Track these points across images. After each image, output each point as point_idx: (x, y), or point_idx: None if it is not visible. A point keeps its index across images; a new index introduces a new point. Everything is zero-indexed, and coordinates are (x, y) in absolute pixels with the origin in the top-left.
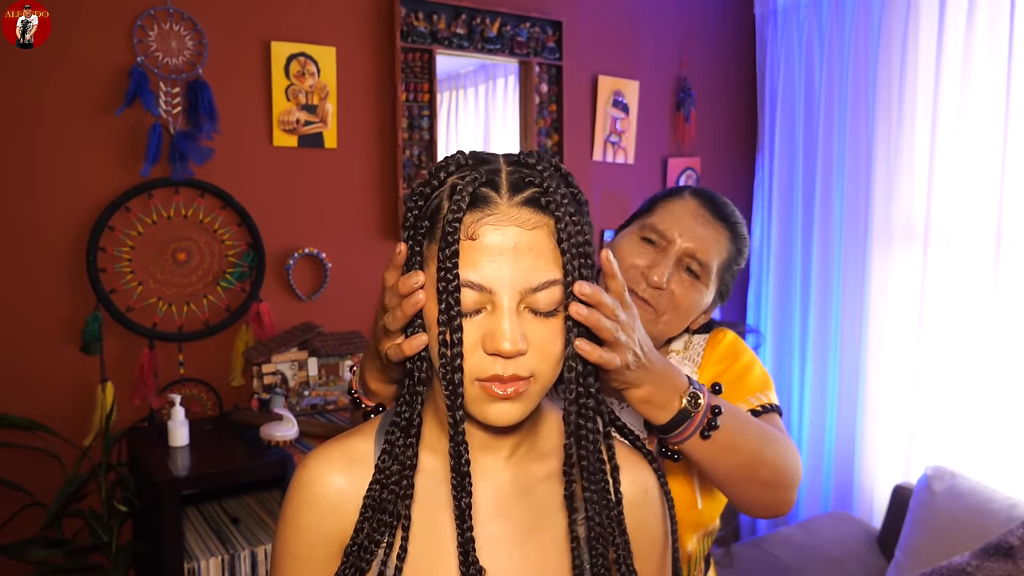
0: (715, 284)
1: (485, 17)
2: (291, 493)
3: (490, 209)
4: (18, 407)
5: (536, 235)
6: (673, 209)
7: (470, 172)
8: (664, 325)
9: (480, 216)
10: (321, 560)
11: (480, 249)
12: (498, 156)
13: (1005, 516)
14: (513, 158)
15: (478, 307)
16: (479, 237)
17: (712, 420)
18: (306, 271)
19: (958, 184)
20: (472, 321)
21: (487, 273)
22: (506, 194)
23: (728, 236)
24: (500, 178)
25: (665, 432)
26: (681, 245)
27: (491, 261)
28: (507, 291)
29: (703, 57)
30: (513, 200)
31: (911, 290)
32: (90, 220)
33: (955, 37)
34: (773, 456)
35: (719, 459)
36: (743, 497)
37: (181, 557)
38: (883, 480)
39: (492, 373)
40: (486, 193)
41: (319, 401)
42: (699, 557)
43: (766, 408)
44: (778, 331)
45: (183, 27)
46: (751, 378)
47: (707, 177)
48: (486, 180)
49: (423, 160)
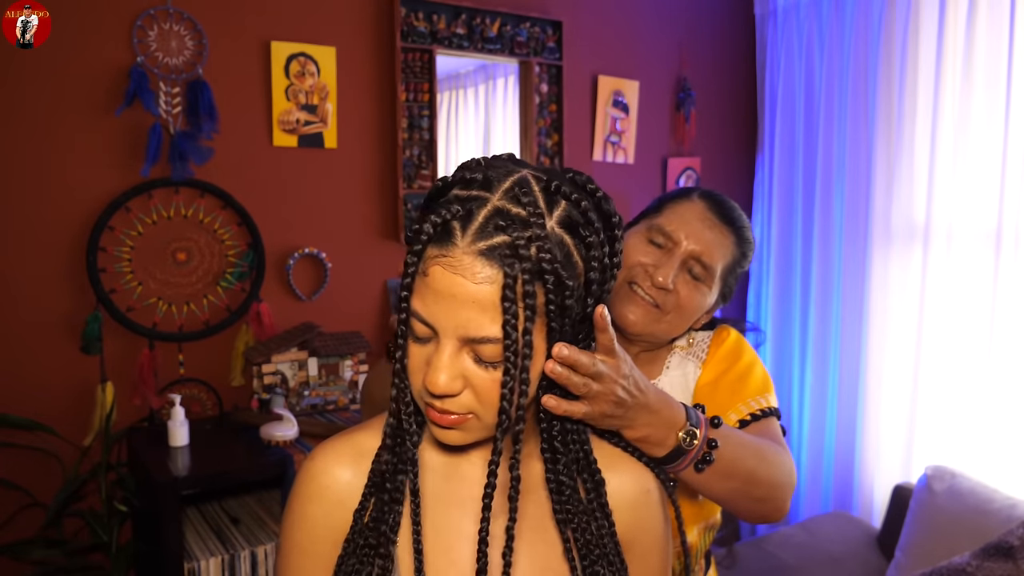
0: (718, 286)
1: (485, 17)
2: (298, 485)
3: (446, 250)
4: (18, 407)
5: (482, 290)
6: (681, 211)
7: (456, 203)
8: (667, 325)
9: (436, 253)
10: (326, 554)
11: (428, 287)
12: (507, 178)
13: (1005, 516)
14: (511, 192)
15: (427, 336)
16: (429, 275)
17: (708, 454)
18: (306, 271)
19: (958, 184)
20: (423, 347)
21: (432, 311)
22: (468, 238)
23: (733, 240)
24: (476, 216)
25: (661, 463)
26: (687, 247)
27: (435, 302)
28: (447, 334)
29: (703, 57)
30: (471, 247)
31: (911, 290)
32: (90, 220)
33: (955, 37)
34: (767, 475)
35: (715, 484)
36: (737, 511)
37: (181, 557)
38: (883, 480)
39: (431, 401)
40: (452, 229)
41: (319, 401)
42: (700, 551)
43: (764, 412)
44: (778, 331)
45: (183, 27)
46: (751, 380)
47: (707, 177)
48: (462, 214)
49: (423, 160)
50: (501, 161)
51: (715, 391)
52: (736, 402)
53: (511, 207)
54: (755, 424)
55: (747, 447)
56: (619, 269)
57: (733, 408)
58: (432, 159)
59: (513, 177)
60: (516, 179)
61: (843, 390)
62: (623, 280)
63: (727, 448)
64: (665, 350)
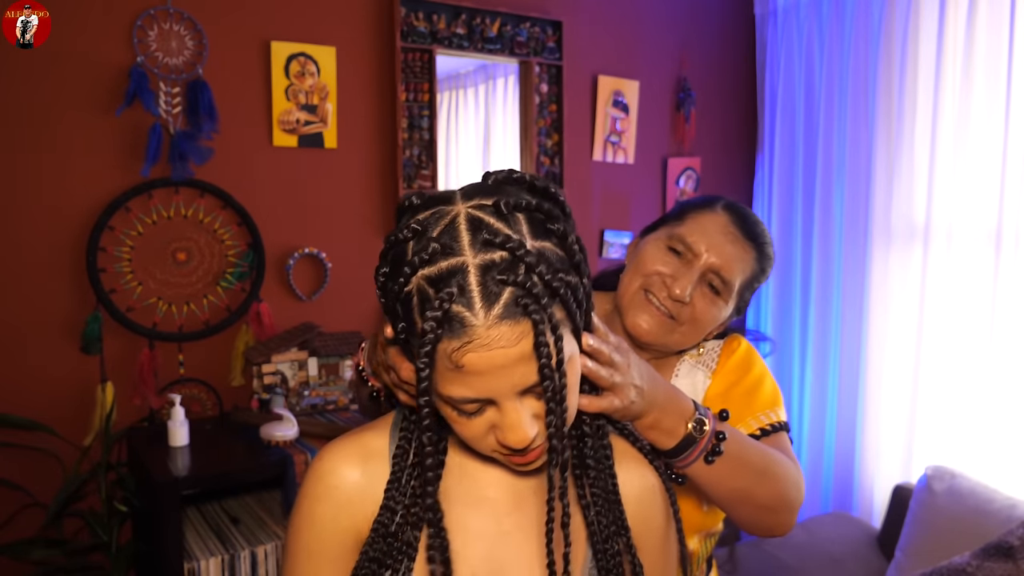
0: (735, 300)
1: (485, 17)
2: (306, 486)
3: (468, 335)
4: (18, 407)
5: (522, 346)
6: (703, 222)
7: (435, 285)
8: (680, 336)
9: (459, 344)
10: (333, 555)
11: (467, 374)
12: (456, 228)
13: (1005, 516)
14: (477, 240)
15: (480, 408)
16: (464, 365)
17: (716, 445)
18: (306, 271)
19: (958, 184)
20: (479, 417)
21: (482, 389)
22: (481, 311)
23: (755, 256)
24: (471, 287)
25: (671, 456)
26: (707, 260)
27: (483, 382)
28: (506, 396)
29: (703, 57)
30: (489, 318)
31: (911, 290)
32: (90, 220)
33: (955, 37)
34: (774, 482)
35: (722, 483)
36: (742, 518)
37: (181, 557)
38: (883, 480)
39: (509, 452)
40: (460, 314)
41: (319, 401)
42: (701, 557)
43: (774, 427)
44: (778, 331)
45: (183, 27)
46: (761, 394)
47: (707, 177)
48: (457, 295)
49: (423, 160)
50: (424, 206)
51: (725, 403)
52: (746, 416)
53: (491, 255)
54: (765, 440)
55: (755, 449)
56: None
57: (743, 423)
58: (432, 159)
59: (462, 224)
60: (470, 224)
61: (843, 390)
62: (638, 287)
63: (734, 444)
64: (675, 358)
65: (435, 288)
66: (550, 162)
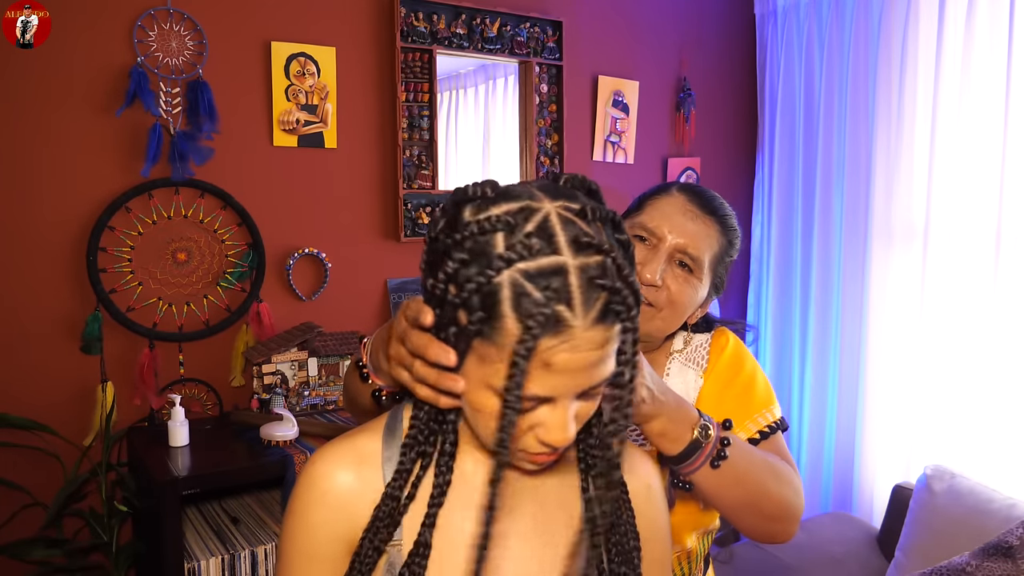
0: (708, 277)
1: (485, 17)
2: (298, 489)
3: (565, 335)
4: (18, 407)
5: (607, 349)
6: (661, 206)
7: (539, 279)
8: (662, 322)
9: (555, 343)
10: (327, 559)
11: (553, 372)
12: (549, 225)
13: (1005, 516)
14: (574, 243)
15: (533, 406)
16: (552, 364)
17: (721, 451)
18: (306, 271)
19: (958, 184)
20: (528, 415)
21: (555, 386)
22: (580, 313)
23: (718, 229)
24: (572, 288)
25: (677, 462)
26: (671, 241)
27: (561, 378)
28: (568, 395)
29: (703, 57)
30: (588, 318)
31: (911, 290)
32: (90, 220)
33: (955, 37)
34: (777, 491)
35: (726, 490)
36: (747, 526)
37: (181, 557)
38: (883, 480)
39: (540, 451)
40: (561, 314)
41: (319, 401)
42: (699, 556)
43: (772, 428)
44: (778, 331)
45: (183, 27)
46: (756, 393)
47: (707, 177)
48: (563, 294)
49: (423, 160)
50: (502, 198)
51: (720, 405)
52: (744, 418)
53: (589, 258)
54: (764, 443)
55: (757, 458)
56: None
57: (741, 426)
58: (432, 159)
59: (556, 224)
60: (563, 224)
61: (843, 390)
62: None
63: (738, 453)
64: (663, 355)
65: (535, 284)
66: (550, 162)
